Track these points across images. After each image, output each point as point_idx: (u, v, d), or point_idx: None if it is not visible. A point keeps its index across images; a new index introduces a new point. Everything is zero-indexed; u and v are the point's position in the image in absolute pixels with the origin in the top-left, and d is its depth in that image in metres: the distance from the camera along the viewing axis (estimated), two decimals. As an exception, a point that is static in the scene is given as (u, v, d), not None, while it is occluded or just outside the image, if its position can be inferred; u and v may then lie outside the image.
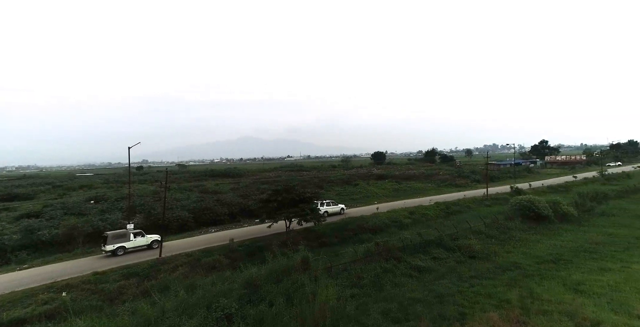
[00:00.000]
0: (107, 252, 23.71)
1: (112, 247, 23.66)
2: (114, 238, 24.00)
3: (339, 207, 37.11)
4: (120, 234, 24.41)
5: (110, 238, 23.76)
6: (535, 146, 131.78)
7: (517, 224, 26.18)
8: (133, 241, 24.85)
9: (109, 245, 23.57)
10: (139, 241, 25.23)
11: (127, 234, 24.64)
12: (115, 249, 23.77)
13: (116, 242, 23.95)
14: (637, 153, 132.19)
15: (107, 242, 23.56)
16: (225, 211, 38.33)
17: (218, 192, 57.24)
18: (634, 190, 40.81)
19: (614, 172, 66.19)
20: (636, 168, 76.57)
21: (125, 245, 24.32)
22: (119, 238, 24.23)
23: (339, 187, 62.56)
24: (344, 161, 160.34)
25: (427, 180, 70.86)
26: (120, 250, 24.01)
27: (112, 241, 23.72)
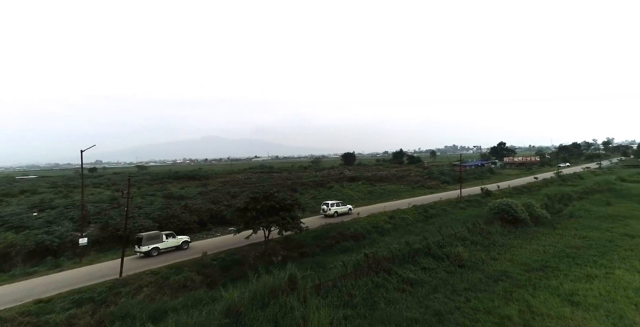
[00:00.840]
0: (141, 253, 24.14)
1: (147, 248, 24.17)
2: (148, 240, 24.50)
3: (347, 207, 37.68)
4: (154, 235, 25.00)
5: (145, 240, 24.27)
6: (495, 148, 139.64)
7: (497, 228, 26.44)
8: (165, 242, 25.28)
9: (144, 246, 24.12)
10: (170, 242, 25.62)
11: (159, 235, 25.21)
12: (150, 250, 24.25)
13: (150, 244, 24.46)
14: (580, 155, 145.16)
15: (142, 244, 24.10)
16: (194, 218, 35.36)
17: (184, 197, 53.34)
18: (591, 191, 43.78)
19: (567, 173, 71.29)
20: (584, 169, 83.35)
21: (159, 246, 24.82)
22: (153, 239, 24.72)
23: (313, 190, 61.17)
24: (314, 162, 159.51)
25: (399, 182, 71.68)
26: (155, 251, 24.52)
27: (146, 243, 24.31)
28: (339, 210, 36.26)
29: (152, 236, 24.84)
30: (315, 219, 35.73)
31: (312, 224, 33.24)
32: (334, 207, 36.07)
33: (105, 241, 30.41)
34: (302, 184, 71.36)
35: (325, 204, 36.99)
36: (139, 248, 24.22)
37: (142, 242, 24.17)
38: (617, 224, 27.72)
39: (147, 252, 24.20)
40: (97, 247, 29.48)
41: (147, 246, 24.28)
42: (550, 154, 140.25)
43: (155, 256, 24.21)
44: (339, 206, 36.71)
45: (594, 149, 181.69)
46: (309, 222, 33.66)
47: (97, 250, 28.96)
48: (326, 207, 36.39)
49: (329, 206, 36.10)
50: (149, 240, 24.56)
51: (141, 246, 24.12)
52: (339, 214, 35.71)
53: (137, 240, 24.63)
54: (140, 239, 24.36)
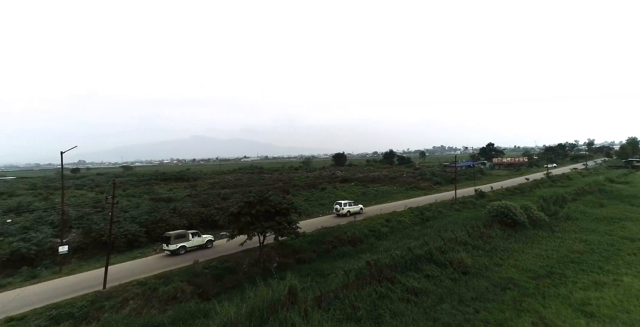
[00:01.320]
0: (169, 251, 24.73)
1: (175, 246, 24.66)
2: (176, 238, 25.03)
3: (358, 207, 38.56)
4: (181, 234, 25.52)
5: (173, 238, 24.80)
6: (483, 149, 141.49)
7: (497, 231, 25.98)
8: (191, 240, 25.85)
9: (172, 245, 24.60)
10: (196, 241, 26.18)
11: (186, 234, 25.80)
12: (177, 249, 24.73)
13: (178, 242, 24.96)
14: (565, 155, 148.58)
15: (171, 242, 24.59)
16: (183, 222, 33.82)
17: (173, 200, 51.50)
18: (583, 192, 44.15)
19: (556, 174, 72.29)
20: (572, 170, 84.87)
21: (186, 244, 25.30)
22: (180, 238, 25.25)
23: (306, 192, 60.07)
24: (304, 163, 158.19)
25: (392, 183, 71.31)
26: (182, 249, 25.00)
27: (174, 241, 24.80)
28: (352, 209, 37.30)
29: (179, 235, 25.37)
30: (328, 218, 36.81)
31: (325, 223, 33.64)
32: (346, 206, 37.11)
33: (88, 247, 28.67)
34: (294, 185, 70.14)
35: (338, 203, 37.89)
36: (167, 246, 24.76)
37: (170, 240, 24.72)
38: (614, 227, 27.68)
39: (174, 250, 24.72)
40: (79, 255, 27.75)
41: (175, 244, 24.80)
42: (538, 154, 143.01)
43: (182, 254, 24.67)
44: (351, 206, 37.68)
45: (576, 150, 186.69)
46: (321, 221, 35.30)
47: (79, 258, 27.25)
48: (339, 207, 37.19)
49: (342, 206, 37.13)
50: (177, 238, 25.08)
51: (169, 244, 24.66)
52: (351, 213, 36.76)
53: (165, 238, 25.16)
54: (169, 237, 24.88)
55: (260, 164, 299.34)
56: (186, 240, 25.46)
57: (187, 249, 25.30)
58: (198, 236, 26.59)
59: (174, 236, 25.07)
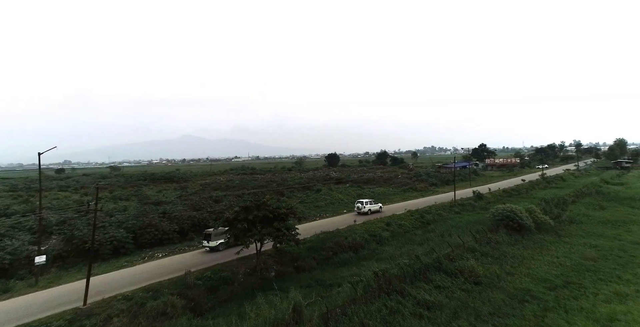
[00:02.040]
0: (209, 248, 25.54)
1: (215, 243, 25.50)
2: (216, 235, 25.61)
3: (377, 205, 40.28)
4: (221, 231, 25.30)
5: (213, 235, 25.48)
6: (476, 149, 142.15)
7: (503, 236, 25.02)
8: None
9: (213, 241, 25.47)
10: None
11: (225, 231, 24.98)
12: (217, 245, 25.53)
13: (218, 239, 25.62)
14: (555, 156, 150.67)
15: (212, 239, 25.44)
16: (174, 227, 31.95)
17: (162, 202, 49.37)
18: (581, 194, 43.86)
19: (550, 175, 72.51)
20: (565, 171, 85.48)
21: (223, 241, 25.59)
22: (220, 235, 25.51)
23: (300, 193, 58.57)
24: (297, 163, 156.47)
25: (387, 184, 70.42)
26: (222, 246, 25.62)
27: (215, 238, 25.56)
28: (372, 208, 38.89)
29: (219, 232, 25.58)
30: (349, 216, 38.16)
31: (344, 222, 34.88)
32: (368, 205, 38.72)
33: (69, 255, 26.62)
34: (287, 186, 68.58)
35: (360, 202, 39.55)
36: (208, 243, 25.57)
37: (211, 237, 25.54)
38: (620, 231, 27.08)
39: (214, 247, 25.56)
40: (60, 264, 25.70)
41: (215, 241, 25.61)
42: (529, 155, 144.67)
43: (221, 251, 25.33)
44: (371, 204, 39.29)
45: (565, 151, 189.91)
46: (341, 220, 36.43)
47: (59, 267, 25.22)
48: (361, 206, 38.85)
49: (364, 204, 38.76)
50: (217, 235, 25.71)
51: (210, 240, 25.49)
52: (372, 211, 38.39)
53: (206, 235, 25.97)
54: (209, 234, 25.68)
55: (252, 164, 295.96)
56: (225, 237, 25.30)
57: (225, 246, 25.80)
58: None
59: (214, 233, 25.67)
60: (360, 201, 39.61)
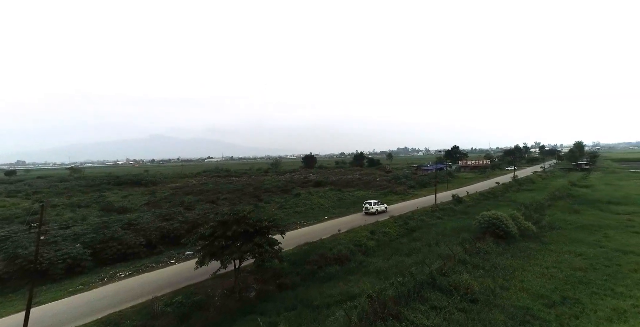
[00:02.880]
0: None
1: None
2: None
3: (383, 206, 42.72)
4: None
5: None
6: (449, 151, 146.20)
7: (491, 245, 24.55)
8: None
9: None
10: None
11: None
12: None
13: None
14: (522, 158, 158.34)
15: None
16: (140, 240, 28.88)
17: (127, 210, 45.49)
18: (555, 197, 45.24)
19: (520, 177, 75.20)
20: (533, 173, 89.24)
21: None
22: None
23: (279, 197, 56.33)
24: (273, 165, 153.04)
25: (367, 187, 69.78)
26: None
27: None
28: (379, 208, 41.42)
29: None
30: (357, 216, 40.17)
31: (352, 222, 36.21)
32: (375, 206, 41.11)
33: (12, 277, 23.02)
34: (265, 190, 66.04)
35: (368, 203, 41.65)
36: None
37: None
38: (598, 236, 27.56)
39: None
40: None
41: None
42: (498, 157, 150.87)
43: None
44: (378, 205, 41.71)
45: (529, 153, 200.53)
46: (350, 220, 38.07)
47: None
48: (369, 206, 41.06)
49: (372, 205, 41.08)
50: None
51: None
52: (379, 211, 40.96)
53: None
54: None
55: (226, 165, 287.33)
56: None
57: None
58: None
59: None
60: (369, 202, 41.75)
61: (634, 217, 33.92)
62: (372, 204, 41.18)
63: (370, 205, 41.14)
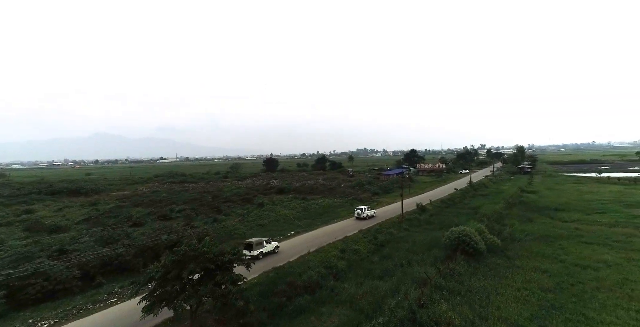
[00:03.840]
0: (251, 257, 24.83)
1: (256, 252, 28.30)
2: (257, 245, 28.85)
3: (372, 211, 46.50)
4: (259, 241, 29.28)
5: (255, 245, 28.63)
6: (407, 155, 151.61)
7: (463, 265, 24.33)
8: (266, 247, 29.65)
9: (255, 251, 28.26)
10: (268, 247, 29.83)
11: (262, 241, 29.55)
12: (258, 254, 28.44)
13: (258, 248, 28.80)
14: (472, 161, 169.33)
15: (253, 249, 28.33)
16: (73, 272, 24.38)
17: (61, 229, 39.44)
18: (509, 205, 47.76)
19: (475, 182, 79.39)
20: (485, 177, 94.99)
21: (263, 250, 29.18)
22: (259, 245, 29.09)
23: (240, 208, 52.97)
24: (233, 168, 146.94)
25: (331, 194, 68.78)
26: (261, 254, 28.91)
27: (256, 248, 28.58)
28: (369, 213, 44.73)
29: (259, 242, 29.28)
30: (349, 221, 43.19)
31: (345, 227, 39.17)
32: (366, 211, 44.49)
33: None
34: (224, 199, 62.01)
35: (360, 208, 45.00)
36: (250, 252, 27.60)
37: (252, 247, 28.43)
38: (555, 248, 28.85)
39: (256, 256, 27.99)
40: None
41: (256, 250, 28.54)
42: (452, 160, 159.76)
43: (261, 259, 28.39)
44: (368, 211, 45.14)
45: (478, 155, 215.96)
46: (341, 226, 40.94)
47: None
48: (360, 212, 44.31)
49: (363, 211, 44.34)
50: (257, 245, 28.96)
51: (252, 250, 28.18)
52: (369, 216, 44.19)
53: (248, 245, 28.64)
54: (251, 244, 28.62)
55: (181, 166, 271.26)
56: (263, 246, 29.40)
57: (264, 254, 29.25)
58: (269, 243, 30.43)
59: (255, 242, 28.97)
60: (360, 208, 45.17)
61: (580, 226, 36.42)
62: (363, 209, 44.51)
63: (361, 211, 44.46)
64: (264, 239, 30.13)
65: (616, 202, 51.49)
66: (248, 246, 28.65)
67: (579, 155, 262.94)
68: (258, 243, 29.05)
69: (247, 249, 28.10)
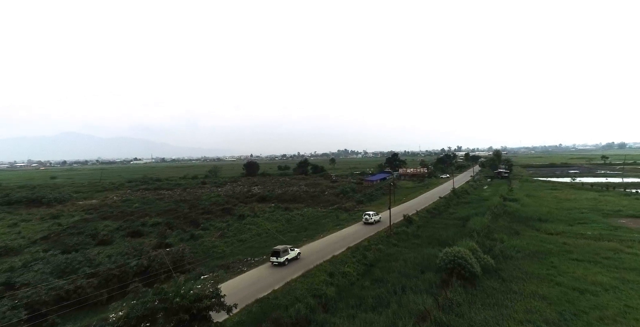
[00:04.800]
0: (277, 263, 30.22)
1: (282, 259, 30.44)
2: (283, 252, 30.80)
3: (378, 216, 48.73)
4: (285, 249, 31.10)
5: (281, 252, 30.55)
6: (389, 158, 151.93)
7: (460, 292, 22.95)
8: (290, 253, 31.64)
9: (282, 257, 30.40)
10: (292, 254, 31.85)
11: (287, 249, 31.45)
12: (284, 260, 30.59)
13: (284, 255, 30.79)
14: (451, 164, 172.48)
15: (280, 256, 30.37)
16: (19, 314, 20.90)
17: (11, 251, 35.08)
18: (495, 216, 47.40)
19: (457, 188, 79.81)
20: (466, 183, 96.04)
21: (289, 257, 31.31)
22: (285, 252, 31.06)
23: (219, 220, 49.81)
24: (211, 172, 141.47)
25: (315, 202, 66.76)
26: (287, 261, 30.96)
27: (282, 254, 30.58)
28: (376, 219, 47.52)
29: (285, 249, 30.87)
30: (357, 226, 45.95)
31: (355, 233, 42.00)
32: (373, 216, 47.40)
33: None
34: (203, 209, 58.44)
35: (367, 214, 47.82)
36: (277, 259, 30.04)
37: (279, 254, 30.17)
38: (547, 266, 28.24)
39: (282, 262, 30.14)
40: None
41: (282, 257, 30.25)
42: (432, 163, 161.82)
43: (286, 265, 30.30)
44: (376, 216, 47.81)
45: (455, 158, 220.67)
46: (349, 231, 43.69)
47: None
48: (368, 217, 47.18)
49: (371, 216, 47.29)
50: (284, 252, 30.56)
51: (279, 257, 30.10)
52: (376, 221, 46.68)
53: (275, 252, 30.37)
54: (278, 251, 30.29)
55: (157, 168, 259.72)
56: (288, 253, 31.13)
57: (288, 261, 31.03)
58: (292, 250, 32.01)
59: (282, 250, 30.63)
60: (368, 213, 47.93)
61: (566, 240, 36.27)
62: (371, 215, 47.40)
63: (369, 216, 47.27)
64: (288, 247, 31.88)
65: (594, 210, 52.59)
66: (275, 253, 30.54)
67: (549, 158, 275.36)
68: (284, 250, 30.88)
69: (274, 256, 30.42)
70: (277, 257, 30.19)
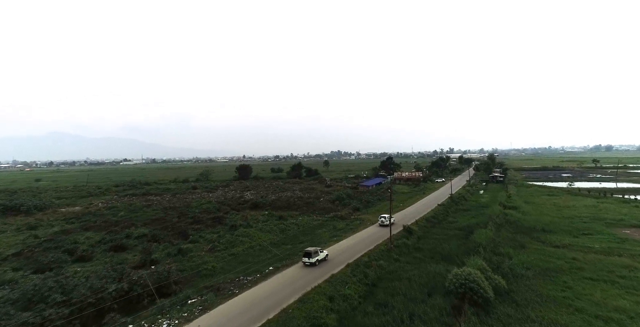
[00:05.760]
0: (309, 263, 32.65)
1: (314, 259, 32.71)
2: (314, 253, 33.06)
3: (393, 218, 47.39)
4: (315, 250, 33.38)
5: (313, 253, 32.86)
6: (384, 162, 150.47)
7: (473, 321, 20.92)
8: (320, 255, 33.79)
9: (313, 258, 32.69)
10: (321, 255, 34.00)
11: (317, 250, 33.68)
12: (315, 261, 32.84)
13: (315, 256, 33.01)
14: (446, 168, 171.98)
15: (312, 257, 32.69)
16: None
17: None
18: (497, 226, 45.74)
19: (454, 193, 78.37)
20: (462, 188, 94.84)
21: (319, 258, 33.51)
22: (316, 253, 33.27)
23: (210, 231, 47.10)
24: (203, 176, 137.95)
25: (309, 209, 64.46)
26: (318, 261, 33.21)
27: (313, 256, 32.85)
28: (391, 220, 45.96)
29: (315, 251, 33.40)
30: (373, 228, 48.91)
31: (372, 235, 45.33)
32: (387, 219, 48.96)
33: None
34: (192, 218, 55.58)
35: (383, 217, 50.51)
36: (309, 260, 32.63)
37: (311, 255, 32.79)
38: (560, 287, 26.51)
39: (314, 262, 32.72)
40: None
41: (314, 258, 32.83)
42: (426, 166, 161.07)
43: (317, 265, 32.90)
44: (392, 218, 46.00)
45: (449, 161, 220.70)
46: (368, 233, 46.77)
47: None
48: (384, 220, 49.77)
49: (386, 218, 49.19)
50: (315, 253, 33.15)
51: (311, 258, 32.65)
52: (391, 223, 44.87)
53: (307, 254, 32.97)
54: (310, 253, 32.89)
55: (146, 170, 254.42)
56: (318, 255, 33.24)
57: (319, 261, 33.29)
58: (321, 252, 34.11)
59: (313, 251, 32.92)
60: (383, 216, 50.45)
61: (575, 254, 34.71)
62: (386, 218, 49.38)
63: (384, 219, 49.62)
64: (318, 248, 34.15)
65: (596, 219, 51.48)
66: (307, 254, 32.88)
67: (540, 160, 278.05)
68: (315, 252, 33.11)
69: (306, 257, 32.72)
70: (309, 258, 32.57)
